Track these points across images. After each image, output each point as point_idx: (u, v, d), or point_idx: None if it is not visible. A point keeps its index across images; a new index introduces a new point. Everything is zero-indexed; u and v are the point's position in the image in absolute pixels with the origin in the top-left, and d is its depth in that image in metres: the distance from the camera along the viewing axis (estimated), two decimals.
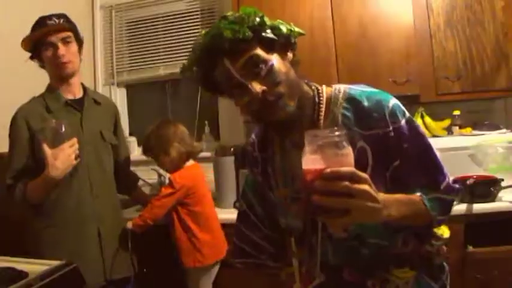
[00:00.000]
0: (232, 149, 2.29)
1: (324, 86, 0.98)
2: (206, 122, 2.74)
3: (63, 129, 1.50)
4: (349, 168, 0.72)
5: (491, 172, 1.95)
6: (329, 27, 2.22)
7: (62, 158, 1.48)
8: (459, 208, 1.79)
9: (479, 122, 2.24)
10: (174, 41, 2.82)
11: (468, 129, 2.20)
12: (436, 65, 2.13)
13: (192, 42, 2.76)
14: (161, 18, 2.86)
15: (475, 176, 1.86)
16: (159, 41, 2.85)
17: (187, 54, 0.96)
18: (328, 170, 0.70)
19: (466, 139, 2.08)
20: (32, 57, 1.65)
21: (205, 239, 1.81)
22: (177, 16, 2.82)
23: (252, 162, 1.09)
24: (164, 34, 2.84)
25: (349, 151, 0.74)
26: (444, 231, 1.06)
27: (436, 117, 2.26)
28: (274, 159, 1.02)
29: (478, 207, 1.77)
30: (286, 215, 1.02)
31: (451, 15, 2.13)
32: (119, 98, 3.00)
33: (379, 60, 2.15)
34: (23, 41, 1.62)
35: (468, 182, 1.81)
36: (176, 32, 2.82)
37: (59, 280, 1.16)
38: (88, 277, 1.55)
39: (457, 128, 2.21)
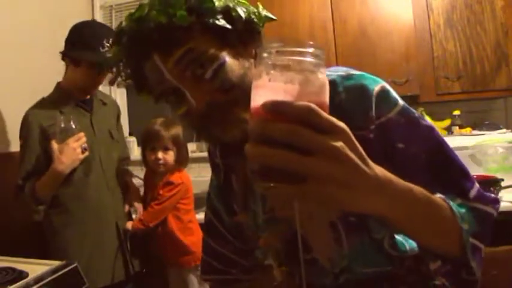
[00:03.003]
0: None
1: None
2: None
3: (70, 125, 1.54)
4: (308, 104, 0.39)
5: (491, 172, 1.95)
6: (329, 28, 2.22)
7: (67, 152, 1.51)
8: None
9: (479, 122, 2.24)
10: None
11: (468, 129, 2.20)
12: (436, 65, 2.13)
13: None
14: None
15: (475, 176, 1.85)
16: None
17: None
18: (271, 102, 0.39)
19: (466, 139, 2.08)
20: (65, 54, 1.62)
21: (197, 238, 1.82)
22: None
23: (214, 167, 0.88)
24: None
25: (320, 82, 0.42)
26: None
27: (436, 117, 2.26)
28: (236, 169, 0.78)
29: None
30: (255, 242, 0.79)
31: (451, 15, 2.13)
32: (119, 98, 2.99)
33: (379, 60, 2.15)
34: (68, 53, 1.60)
35: None
36: None
37: (59, 280, 1.16)
38: (109, 271, 1.62)
39: (457, 128, 2.22)
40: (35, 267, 1.20)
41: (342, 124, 0.41)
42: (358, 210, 0.47)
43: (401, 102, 0.65)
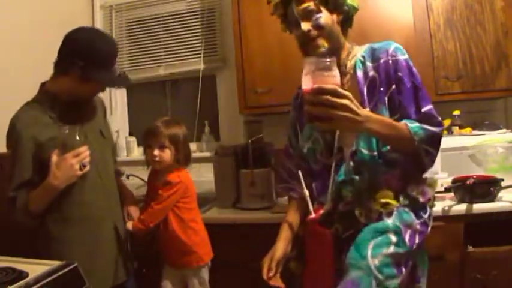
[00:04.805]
0: (232, 149, 2.28)
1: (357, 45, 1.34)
2: (206, 122, 2.74)
3: (75, 138, 1.47)
4: (331, 85, 0.96)
5: (491, 172, 1.95)
6: None
7: (64, 167, 1.44)
8: (459, 208, 1.79)
9: (479, 122, 2.24)
10: (174, 41, 2.82)
11: (468, 129, 2.20)
12: (436, 65, 2.13)
13: (192, 42, 2.77)
14: (161, 18, 2.86)
15: (475, 176, 1.86)
16: (159, 41, 2.85)
17: (187, 54, 1.12)
18: (315, 86, 0.95)
19: (466, 139, 2.08)
20: (71, 67, 1.51)
21: (201, 238, 1.82)
22: (177, 16, 2.82)
23: (294, 99, 1.48)
24: (164, 34, 2.84)
25: (335, 73, 0.98)
26: (434, 184, 1.28)
27: None
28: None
29: (478, 207, 1.77)
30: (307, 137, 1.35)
31: (451, 15, 2.13)
32: (119, 98, 3.00)
33: None
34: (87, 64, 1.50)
35: (468, 182, 1.80)
36: (176, 32, 2.82)
37: (59, 280, 1.16)
38: (110, 274, 1.61)
39: (457, 128, 2.21)
40: (35, 267, 1.20)
41: (347, 92, 0.98)
42: (360, 131, 1.11)
43: (407, 56, 1.23)
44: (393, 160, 1.17)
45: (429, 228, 1.22)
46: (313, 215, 1.23)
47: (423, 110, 1.16)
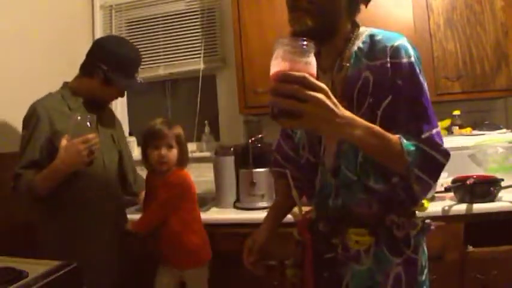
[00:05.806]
0: (232, 149, 2.29)
1: (363, 27, 1.07)
2: (206, 122, 2.74)
3: (87, 124, 1.50)
4: (302, 73, 0.74)
5: (491, 172, 1.95)
6: None
7: (71, 152, 1.46)
8: (459, 208, 1.79)
9: (479, 122, 2.24)
10: (174, 41, 2.82)
11: (468, 129, 2.20)
12: (436, 65, 2.13)
13: (191, 42, 2.77)
14: (161, 18, 2.86)
15: (475, 176, 1.86)
16: (159, 41, 2.85)
17: (187, 54, 1.03)
18: (281, 72, 0.74)
19: (466, 139, 2.08)
20: (97, 70, 1.63)
21: (201, 238, 1.82)
22: (177, 16, 2.82)
23: None
24: (164, 34, 2.84)
25: (310, 60, 0.76)
26: (424, 204, 1.11)
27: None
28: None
29: (478, 207, 1.77)
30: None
31: (451, 15, 2.13)
32: (119, 98, 2.99)
33: None
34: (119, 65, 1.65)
35: (468, 182, 1.80)
36: (176, 32, 2.82)
37: (59, 280, 1.16)
38: (112, 274, 1.64)
39: (457, 128, 2.21)
40: (35, 267, 1.19)
41: (322, 84, 0.76)
42: (336, 136, 0.96)
43: (413, 58, 0.97)
44: (374, 190, 0.97)
45: (419, 260, 1.02)
46: (300, 218, 1.14)
47: (423, 135, 0.91)
